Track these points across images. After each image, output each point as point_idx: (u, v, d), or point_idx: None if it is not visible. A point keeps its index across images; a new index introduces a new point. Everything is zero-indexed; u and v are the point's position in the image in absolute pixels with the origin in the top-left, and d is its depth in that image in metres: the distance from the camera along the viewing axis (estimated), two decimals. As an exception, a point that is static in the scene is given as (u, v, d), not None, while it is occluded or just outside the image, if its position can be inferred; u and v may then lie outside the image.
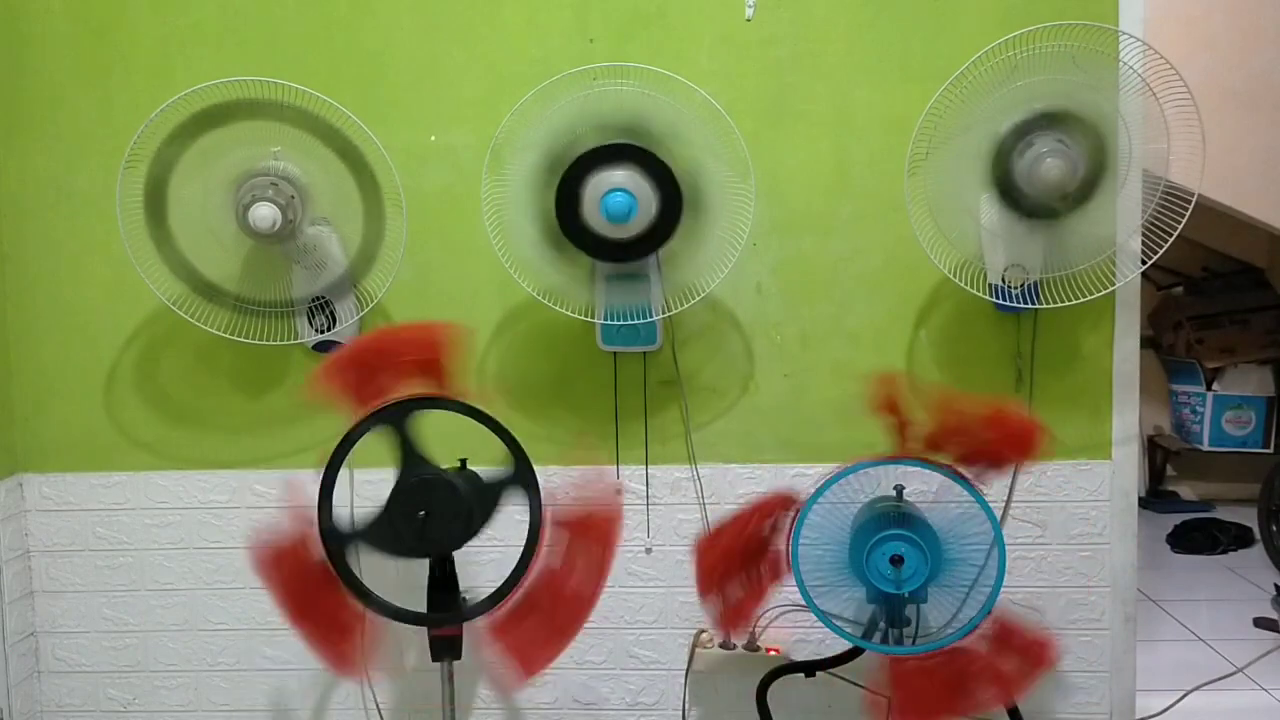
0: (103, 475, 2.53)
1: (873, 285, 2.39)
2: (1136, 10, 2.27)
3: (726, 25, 2.35)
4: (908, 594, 1.99)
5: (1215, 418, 4.71)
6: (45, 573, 2.57)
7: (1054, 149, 2.05)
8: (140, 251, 2.24)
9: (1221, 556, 4.24)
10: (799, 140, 2.37)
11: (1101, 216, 2.15)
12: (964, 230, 2.20)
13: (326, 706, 2.56)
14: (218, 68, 2.34)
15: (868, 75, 2.35)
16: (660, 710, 2.52)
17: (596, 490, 2.10)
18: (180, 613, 2.56)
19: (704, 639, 2.47)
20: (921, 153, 2.15)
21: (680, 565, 2.47)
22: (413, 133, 2.40)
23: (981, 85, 2.11)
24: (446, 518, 1.94)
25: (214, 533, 2.53)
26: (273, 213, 2.13)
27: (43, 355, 2.52)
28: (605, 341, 2.37)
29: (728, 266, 2.20)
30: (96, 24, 2.43)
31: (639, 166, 2.11)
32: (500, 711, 2.54)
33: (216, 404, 2.50)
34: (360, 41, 2.41)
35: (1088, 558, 2.41)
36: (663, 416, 2.45)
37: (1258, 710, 2.83)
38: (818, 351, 2.41)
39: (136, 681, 2.59)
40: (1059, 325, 2.36)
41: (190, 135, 2.19)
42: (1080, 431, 2.39)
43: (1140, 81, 2.10)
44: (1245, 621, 3.43)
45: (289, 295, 2.30)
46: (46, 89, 2.45)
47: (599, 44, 2.37)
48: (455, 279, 2.43)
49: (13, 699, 2.51)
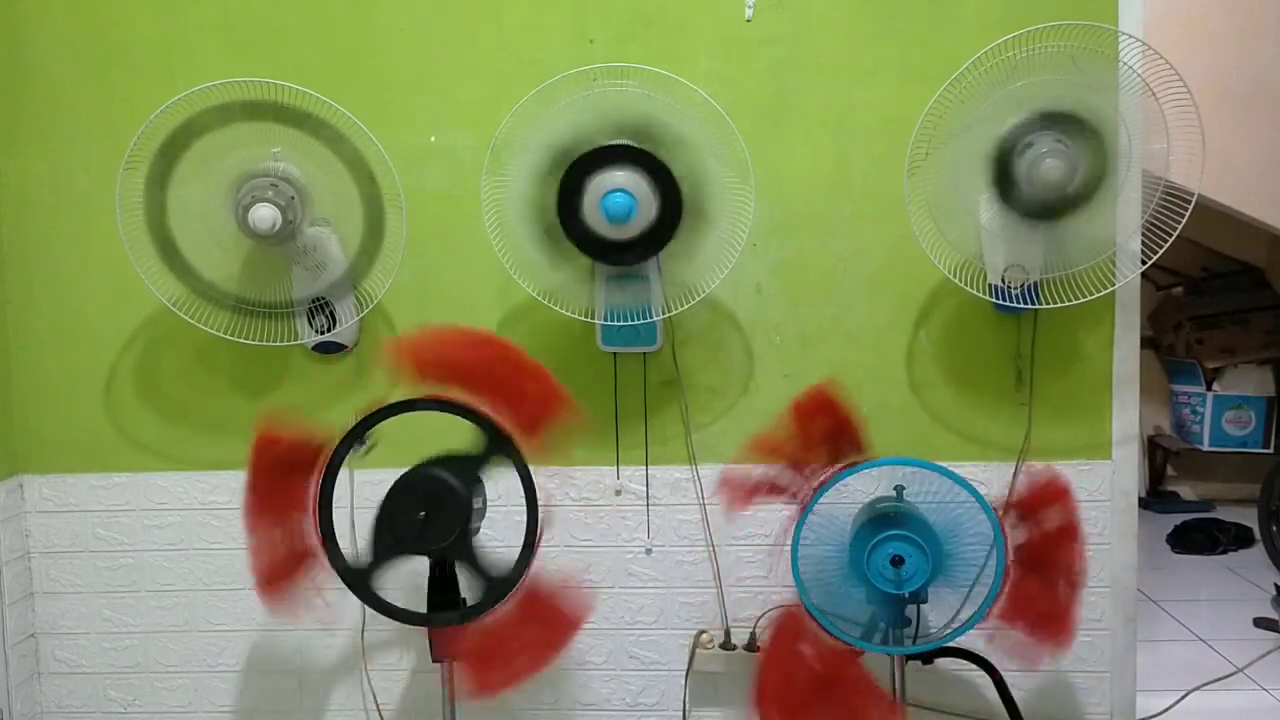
0: (103, 476, 2.53)
1: (873, 285, 2.39)
2: (1136, 10, 2.27)
3: (726, 25, 2.35)
4: (908, 594, 1.99)
5: (1215, 418, 4.71)
6: (45, 574, 2.57)
7: (1054, 149, 2.05)
8: (140, 252, 2.24)
9: (1221, 556, 4.24)
10: (799, 140, 2.37)
11: (1101, 217, 2.15)
12: (964, 230, 2.20)
13: (326, 707, 2.56)
14: (218, 68, 2.34)
15: (868, 75, 2.35)
16: (660, 710, 2.51)
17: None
18: (180, 614, 2.56)
19: (704, 639, 2.47)
20: (921, 153, 2.15)
21: (680, 565, 2.47)
22: (413, 133, 2.40)
23: (981, 85, 2.11)
24: (446, 518, 1.94)
25: (214, 534, 2.53)
26: (273, 213, 2.13)
27: (43, 356, 2.52)
28: (605, 342, 2.37)
29: (728, 267, 2.20)
30: (96, 24, 2.43)
31: (639, 167, 2.11)
32: (500, 712, 2.54)
33: (216, 405, 2.49)
34: (360, 42, 2.41)
35: (1088, 558, 2.40)
36: (663, 417, 2.45)
37: (1258, 710, 2.83)
38: (818, 352, 2.41)
39: (136, 682, 2.58)
40: (1059, 325, 2.36)
41: (190, 136, 2.19)
42: (1080, 431, 2.39)
43: (1140, 82, 2.10)
44: (1245, 622, 3.43)
45: (289, 296, 2.30)
46: (46, 89, 2.45)
47: (599, 45, 2.37)
48: (455, 279, 2.43)
49: (13, 700, 2.50)
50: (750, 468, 2.13)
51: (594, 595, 2.40)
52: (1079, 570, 2.03)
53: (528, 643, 1.98)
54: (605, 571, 2.48)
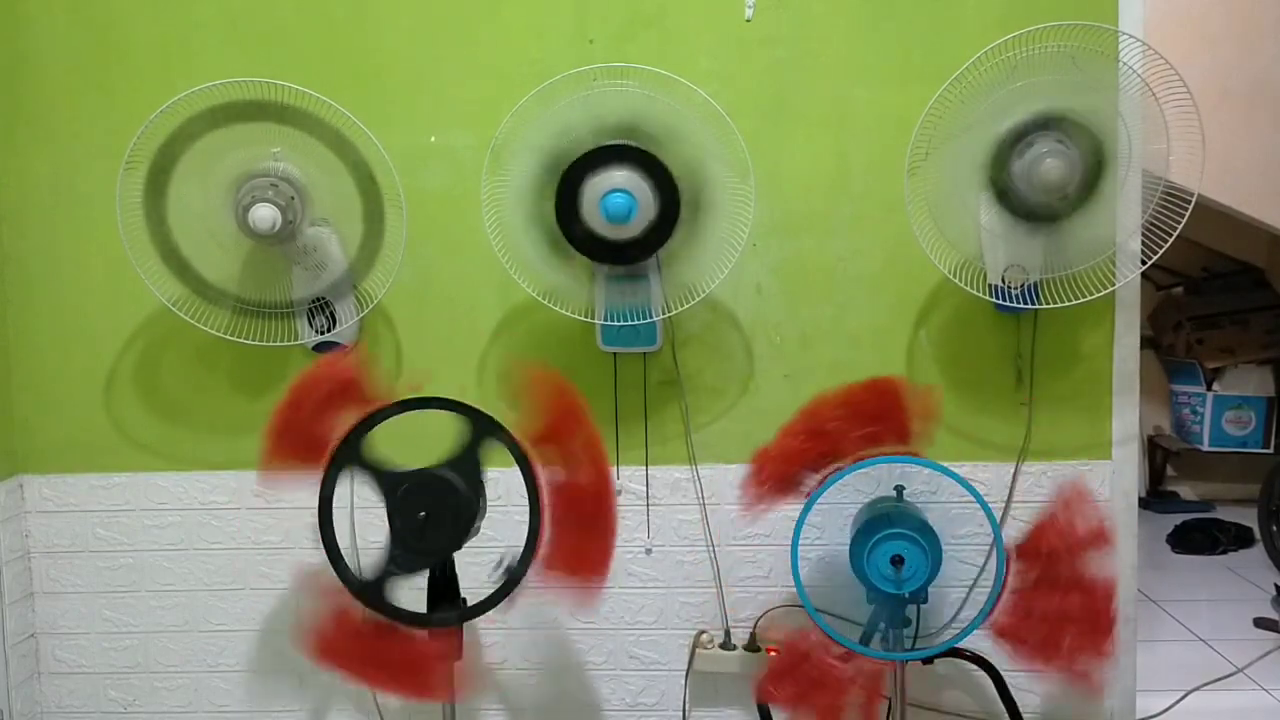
0: (103, 476, 2.53)
1: (873, 285, 2.39)
2: (1136, 10, 2.27)
3: (726, 26, 2.35)
4: (908, 594, 2.00)
5: (1215, 418, 4.71)
6: (45, 574, 2.57)
7: (1054, 149, 2.05)
8: (140, 252, 2.24)
9: (1221, 557, 4.23)
10: (799, 140, 2.37)
11: (1101, 217, 2.15)
12: (964, 230, 2.20)
13: (326, 707, 2.56)
14: (218, 68, 2.34)
15: (868, 75, 2.35)
16: (661, 711, 2.51)
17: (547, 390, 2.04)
18: (180, 614, 2.56)
19: (704, 639, 2.47)
20: (921, 153, 2.15)
21: (680, 565, 2.47)
22: (413, 133, 2.40)
23: (981, 86, 2.11)
24: (446, 518, 1.94)
25: (214, 534, 2.53)
26: (273, 214, 2.13)
27: (43, 356, 2.52)
28: (605, 342, 2.37)
29: (727, 267, 2.20)
30: (96, 24, 2.43)
31: (639, 167, 2.11)
32: (500, 712, 2.54)
33: (216, 405, 2.50)
34: (360, 42, 2.41)
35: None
36: (663, 417, 2.45)
37: (1258, 710, 2.83)
38: (818, 352, 2.41)
39: (137, 682, 2.59)
40: (1059, 325, 2.36)
41: (190, 136, 2.19)
42: (1080, 431, 2.39)
43: (1140, 82, 2.10)
44: (1245, 622, 3.43)
45: (289, 296, 2.30)
46: (46, 89, 2.45)
47: (599, 45, 2.37)
48: (455, 279, 2.44)
49: (13, 700, 2.50)
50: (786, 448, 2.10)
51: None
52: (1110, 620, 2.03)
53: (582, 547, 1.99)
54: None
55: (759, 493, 2.08)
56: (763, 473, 2.08)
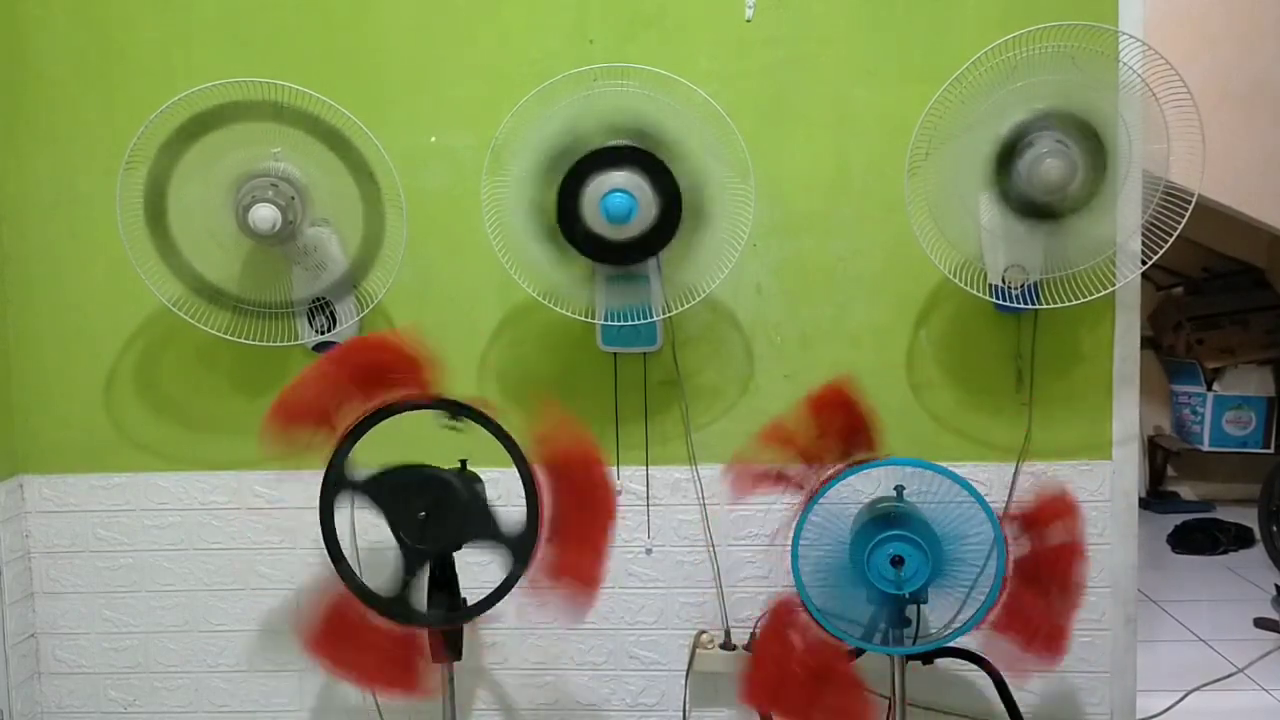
0: (103, 476, 2.53)
1: (873, 285, 2.39)
2: (1136, 10, 2.27)
3: (726, 26, 2.35)
4: (908, 594, 1.99)
5: (1215, 418, 4.71)
6: (45, 574, 2.57)
7: (1054, 149, 2.05)
8: (140, 252, 2.24)
9: (1222, 557, 4.24)
10: (799, 141, 2.37)
11: (1101, 217, 2.15)
12: (964, 230, 2.20)
13: (326, 707, 2.56)
14: (218, 68, 2.34)
15: (868, 75, 2.35)
16: (661, 711, 2.51)
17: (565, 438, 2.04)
18: (180, 614, 2.56)
19: (704, 639, 2.47)
20: (921, 153, 2.15)
21: (680, 565, 2.47)
22: (413, 133, 2.40)
23: (981, 85, 2.11)
24: (447, 516, 1.95)
25: (214, 534, 2.53)
26: (273, 214, 2.13)
27: (43, 356, 2.52)
28: (605, 342, 2.37)
29: (728, 267, 2.20)
30: (96, 24, 2.43)
31: (639, 168, 2.11)
32: (500, 711, 2.54)
33: (216, 405, 2.50)
34: (360, 42, 2.41)
35: (1089, 560, 2.40)
36: (663, 417, 2.45)
37: (1258, 711, 2.83)
38: (818, 352, 2.41)
39: (137, 683, 2.58)
40: (1059, 325, 2.36)
41: (190, 136, 2.19)
42: (1080, 432, 2.39)
43: (1140, 82, 2.10)
44: (1245, 622, 3.43)
45: (289, 296, 2.30)
46: (46, 89, 2.45)
47: (599, 45, 2.37)
48: (455, 279, 2.44)
49: (13, 700, 2.50)
50: (759, 456, 2.11)
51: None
52: (1078, 588, 2.02)
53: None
54: (605, 572, 2.48)
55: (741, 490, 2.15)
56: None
